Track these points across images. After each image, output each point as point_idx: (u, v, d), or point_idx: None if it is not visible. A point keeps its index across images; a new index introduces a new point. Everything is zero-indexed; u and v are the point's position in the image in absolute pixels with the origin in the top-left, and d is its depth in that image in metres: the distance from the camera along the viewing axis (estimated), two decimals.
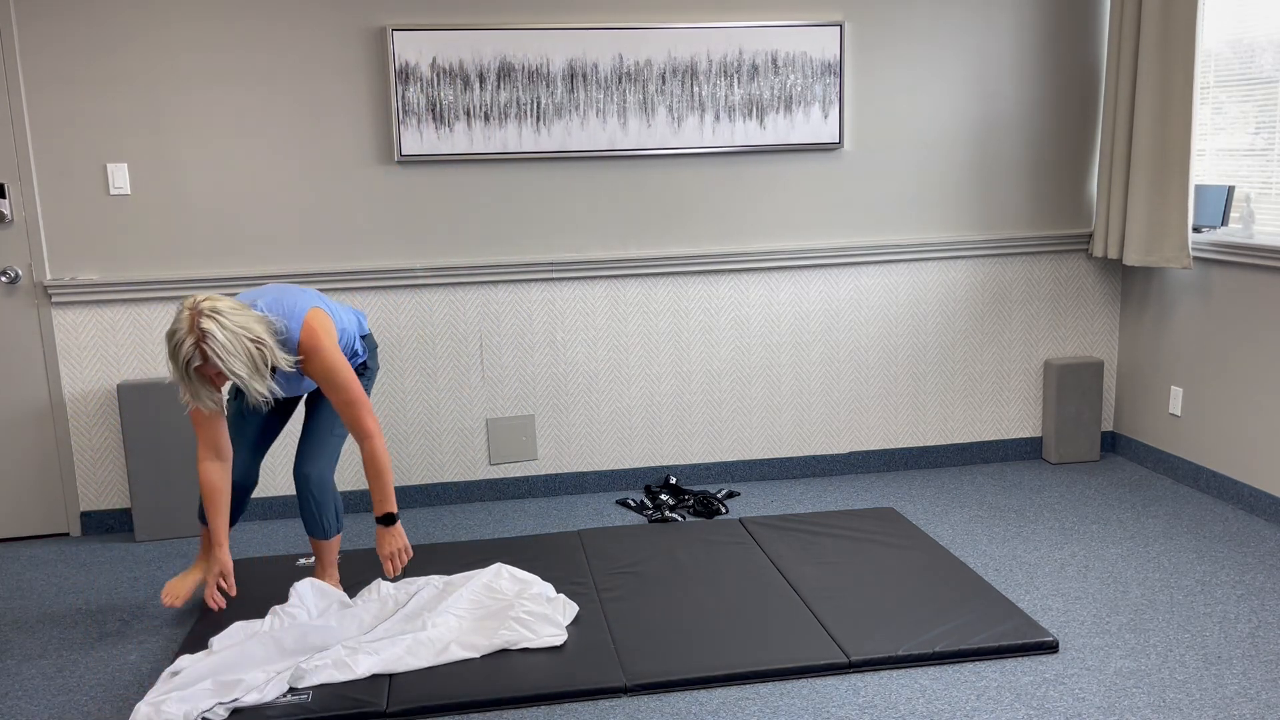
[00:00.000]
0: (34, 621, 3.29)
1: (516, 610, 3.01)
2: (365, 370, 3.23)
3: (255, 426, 3.18)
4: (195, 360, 2.69)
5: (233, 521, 3.22)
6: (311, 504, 3.10)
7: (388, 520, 3.02)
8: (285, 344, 2.88)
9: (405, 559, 3.05)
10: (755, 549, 3.59)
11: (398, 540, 3.03)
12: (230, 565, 3.02)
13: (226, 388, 2.80)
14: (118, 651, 3.07)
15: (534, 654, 2.91)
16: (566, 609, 3.10)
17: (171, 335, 2.71)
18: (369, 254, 4.02)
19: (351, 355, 3.15)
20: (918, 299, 4.40)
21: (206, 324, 2.66)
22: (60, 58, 3.75)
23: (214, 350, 2.66)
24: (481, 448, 4.22)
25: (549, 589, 3.18)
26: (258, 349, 2.73)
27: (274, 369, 2.89)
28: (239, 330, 2.70)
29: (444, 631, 2.93)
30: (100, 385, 3.95)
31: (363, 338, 3.22)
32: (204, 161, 3.88)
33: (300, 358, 2.88)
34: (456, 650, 2.88)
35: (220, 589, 3.03)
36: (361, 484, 4.18)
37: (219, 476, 2.96)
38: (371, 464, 2.96)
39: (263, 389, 2.75)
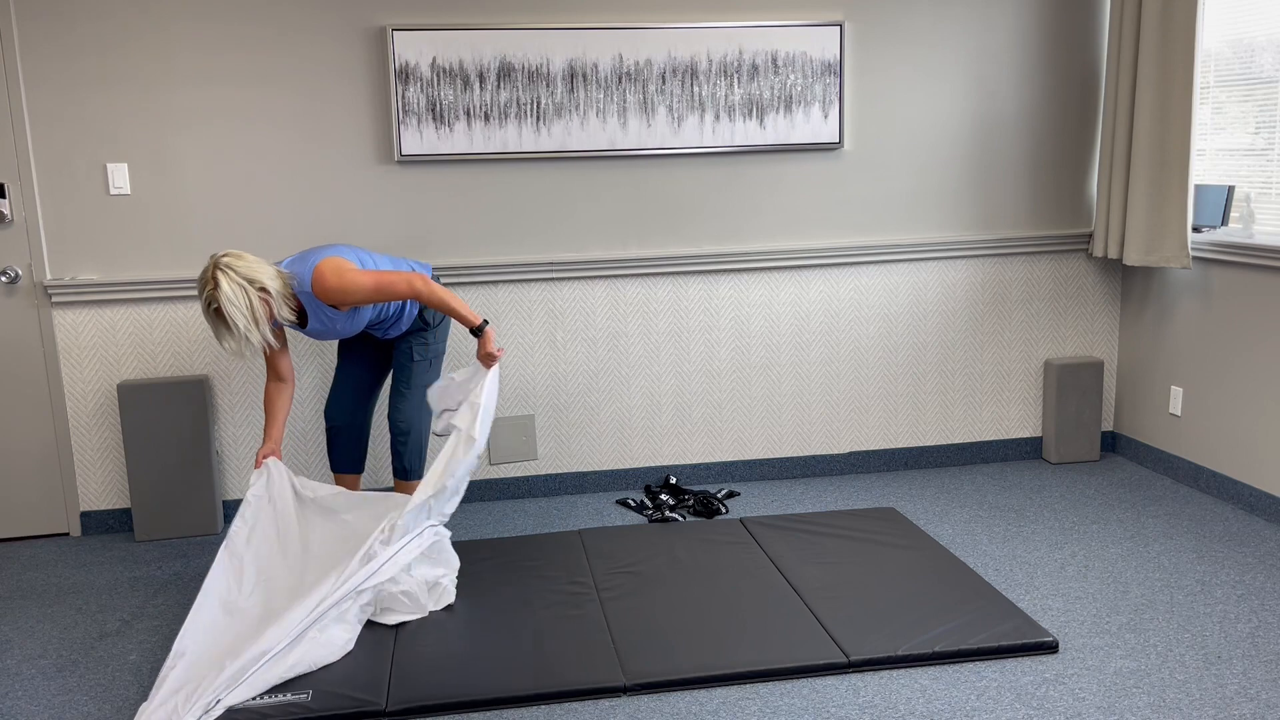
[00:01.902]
0: (34, 621, 3.29)
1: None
2: (427, 323, 3.49)
3: (354, 375, 3.58)
4: (214, 302, 3.04)
5: (354, 467, 3.62)
6: (396, 448, 3.53)
7: (476, 332, 3.30)
8: (302, 293, 3.19)
9: (499, 355, 3.32)
10: (755, 549, 3.59)
11: (487, 345, 3.29)
12: (278, 450, 3.33)
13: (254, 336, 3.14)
14: (118, 651, 3.07)
15: (535, 653, 2.91)
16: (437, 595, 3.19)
17: (199, 284, 3.08)
18: None
19: (404, 307, 3.43)
20: (918, 299, 4.40)
21: (218, 274, 3.03)
22: (60, 57, 3.75)
23: (219, 298, 3.01)
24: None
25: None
26: (262, 300, 3.07)
27: (304, 319, 3.27)
28: (244, 282, 3.04)
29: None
30: (100, 385, 3.95)
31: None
32: (204, 161, 3.88)
33: (329, 301, 3.19)
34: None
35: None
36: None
37: (275, 392, 3.36)
38: (433, 303, 3.24)
39: (257, 338, 3.06)
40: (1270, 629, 2.99)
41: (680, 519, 3.97)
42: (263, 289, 3.07)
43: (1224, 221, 3.95)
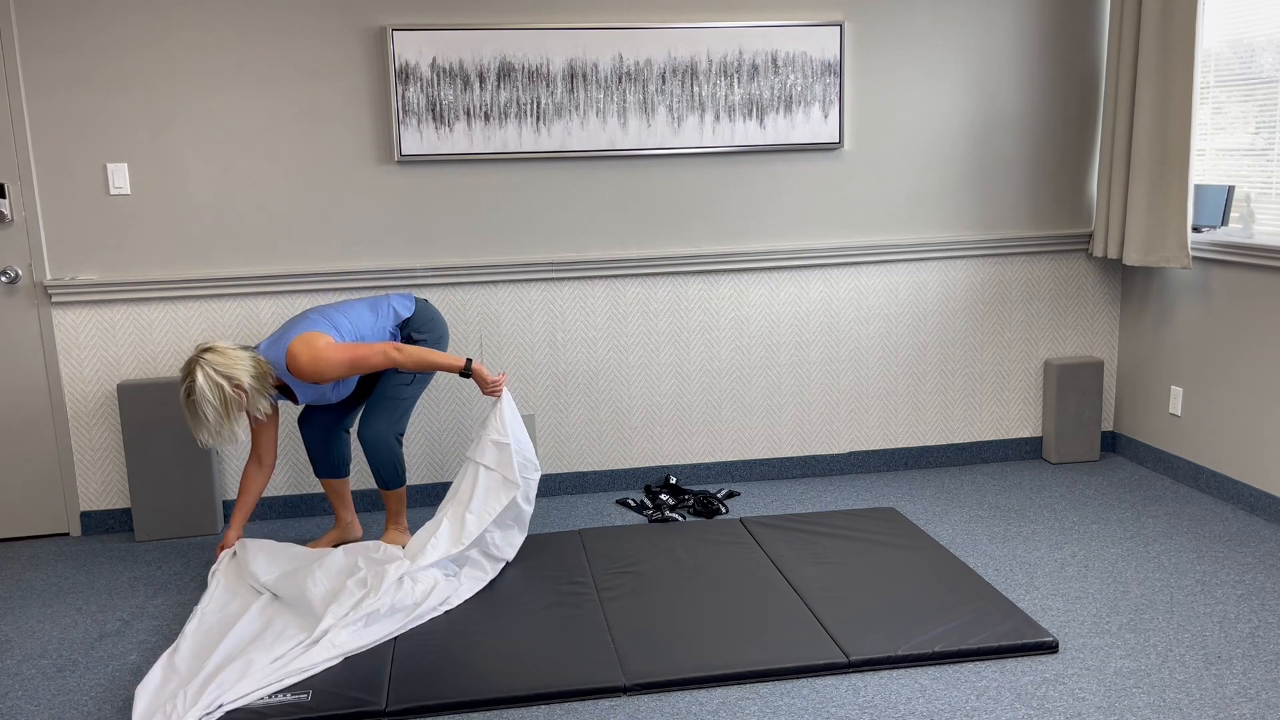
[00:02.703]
0: (34, 621, 3.29)
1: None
2: (412, 341, 3.57)
3: (321, 416, 3.64)
4: (191, 394, 3.16)
5: (336, 473, 3.69)
6: (372, 460, 3.54)
7: (465, 374, 3.37)
8: (283, 374, 3.30)
9: (502, 381, 3.42)
10: (755, 549, 3.59)
11: (483, 381, 3.40)
12: (232, 541, 3.46)
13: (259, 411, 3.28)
14: (118, 651, 3.07)
15: (535, 653, 2.91)
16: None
17: (181, 373, 3.21)
18: (369, 254, 4.02)
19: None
20: (918, 299, 4.40)
21: (195, 369, 3.16)
22: (60, 58, 3.75)
23: (194, 390, 3.14)
24: None
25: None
26: (236, 393, 3.19)
27: (282, 392, 3.39)
28: (220, 379, 3.17)
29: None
30: (100, 385, 3.95)
31: (401, 325, 3.57)
32: (204, 161, 3.88)
33: (296, 376, 3.29)
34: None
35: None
36: (363, 484, 4.19)
37: (252, 475, 3.49)
38: (411, 364, 3.33)
39: (228, 433, 3.20)
40: (1270, 629, 2.99)
41: (680, 519, 3.96)
42: (238, 385, 3.18)
43: (1224, 221, 3.95)
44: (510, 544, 3.42)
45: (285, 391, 3.40)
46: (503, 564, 3.39)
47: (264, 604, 3.13)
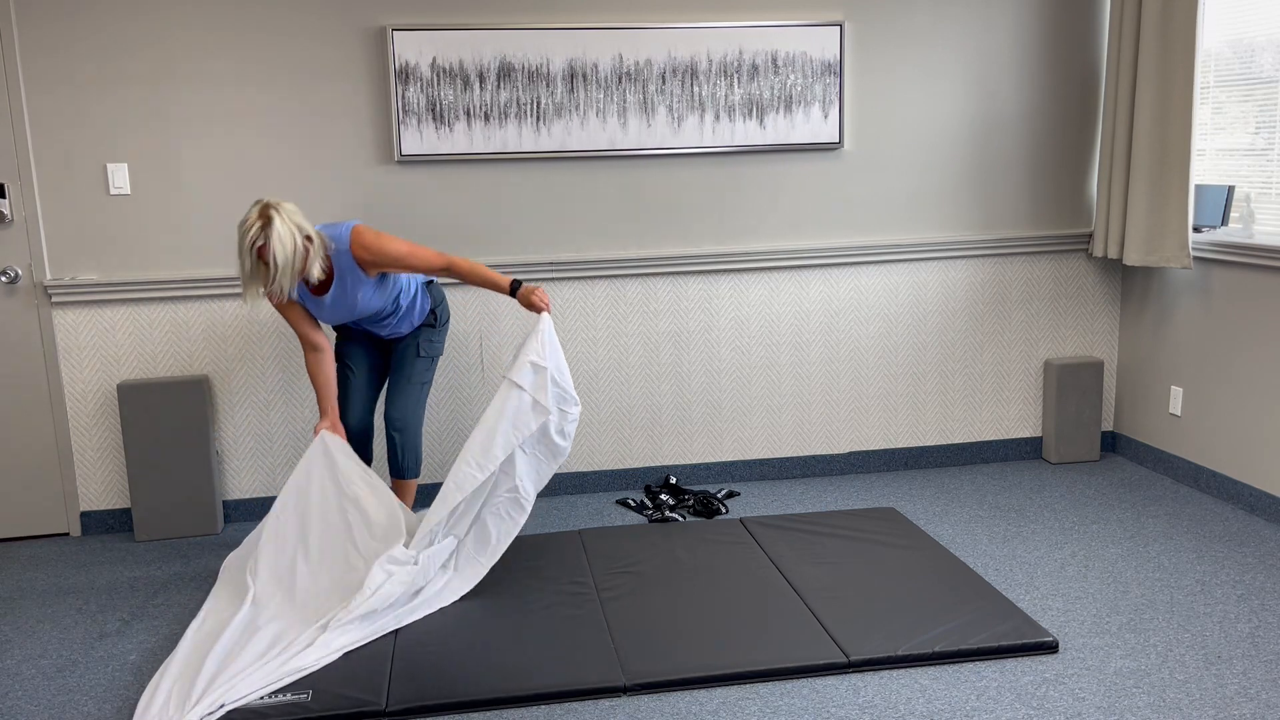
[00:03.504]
0: (34, 621, 3.29)
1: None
2: (436, 320, 3.56)
3: (362, 378, 3.58)
4: (259, 241, 3.06)
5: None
6: (393, 446, 3.55)
7: (514, 289, 3.34)
8: (337, 254, 3.25)
9: (546, 298, 3.35)
10: (755, 549, 3.59)
11: (530, 296, 3.33)
12: (338, 425, 3.42)
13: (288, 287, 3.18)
14: (118, 651, 3.07)
15: (535, 653, 2.91)
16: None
17: (242, 222, 3.08)
18: None
19: (415, 303, 3.50)
20: (918, 299, 4.40)
21: (271, 214, 3.07)
22: (60, 58, 3.75)
23: (269, 235, 3.05)
24: None
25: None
26: (305, 244, 3.13)
27: (330, 282, 3.30)
28: (294, 227, 3.10)
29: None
30: (100, 385, 3.95)
31: (426, 284, 3.57)
32: (204, 161, 3.88)
33: (363, 262, 3.26)
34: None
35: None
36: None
37: (316, 362, 3.41)
38: (466, 276, 3.34)
39: (287, 283, 3.10)
40: (1270, 629, 2.99)
41: (680, 519, 3.96)
42: (308, 238, 3.14)
43: (1224, 221, 3.95)
44: (537, 480, 3.29)
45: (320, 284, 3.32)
46: (495, 557, 3.32)
47: (253, 605, 3.12)
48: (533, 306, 3.31)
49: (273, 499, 4.12)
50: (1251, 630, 2.99)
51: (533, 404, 3.19)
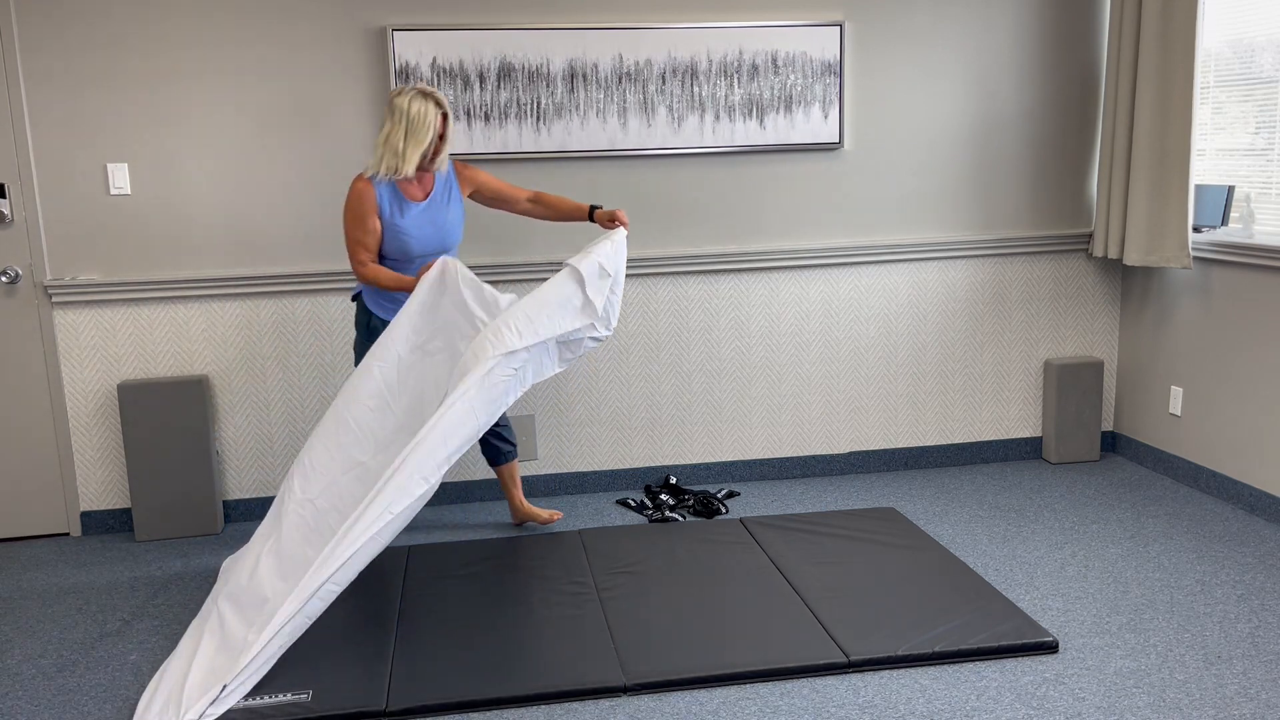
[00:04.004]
0: (34, 621, 3.29)
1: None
2: None
3: None
4: (441, 111, 3.29)
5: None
6: (494, 435, 3.70)
7: (592, 212, 3.51)
8: (439, 172, 3.46)
9: (625, 218, 3.42)
10: (755, 549, 3.59)
11: (612, 214, 3.43)
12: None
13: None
14: (118, 651, 3.07)
15: (535, 653, 2.91)
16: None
17: (409, 99, 3.25)
18: None
19: None
20: (918, 299, 4.40)
21: (438, 95, 3.30)
22: (61, 57, 3.75)
23: (446, 105, 3.32)
24: None
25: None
26: (442, 126, 3.34)
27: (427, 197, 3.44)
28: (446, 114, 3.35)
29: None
30: (100, 385, 3.95)
31: None
32: (204, 161, 3.88)
33: (461, 175, 3.53)
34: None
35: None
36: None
37: (377, 266, 3.37)
38: (553, 205, 3.57)
39: (447, 154, 3.40)
40: (1270, 629, 2.99)
41: (680, 519, 3.97)
42: (445, 114, 3.33)
43: (1224, 221, 3.95)
44: (534, 377, 3.14)
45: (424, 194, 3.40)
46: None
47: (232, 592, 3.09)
48: (614, 221, 3.39)
49: (272, 499, 4.11)
50: (1251, 630, 2.99)
51: (583, 303, 3.11)
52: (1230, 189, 3.93)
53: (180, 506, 3.95)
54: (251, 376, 4.03)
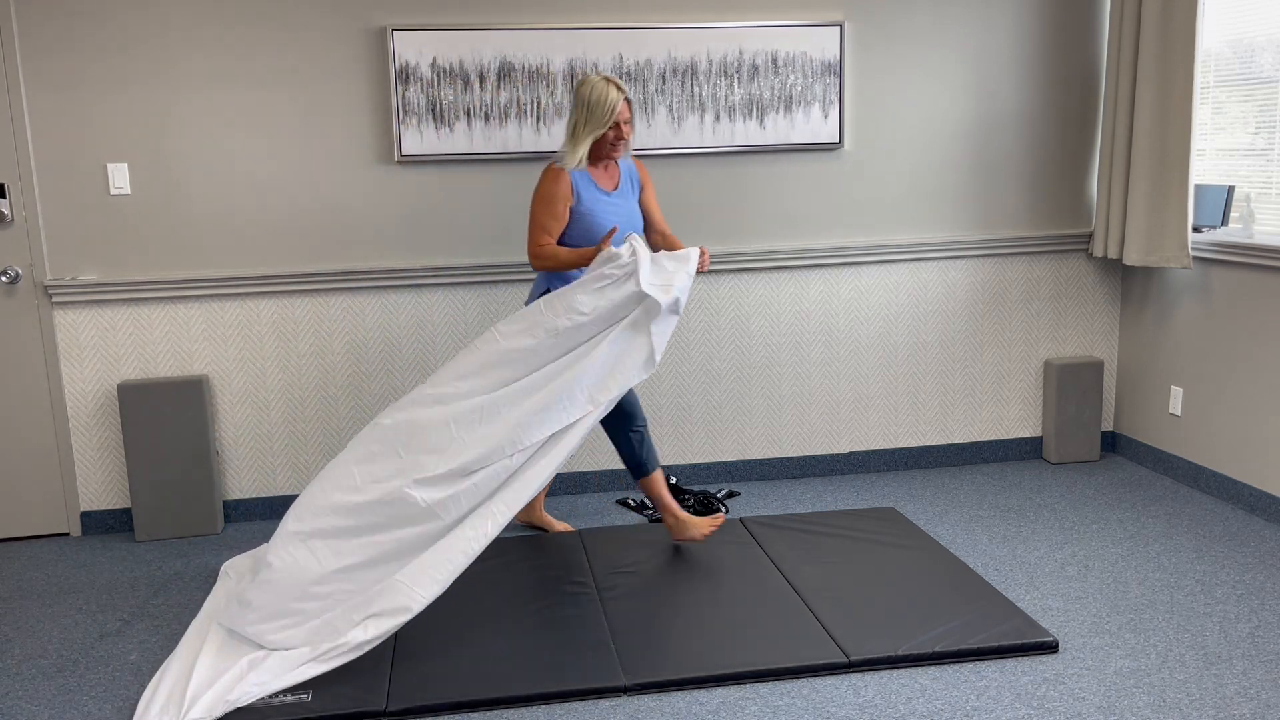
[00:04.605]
0: (34, 621, 3.29)
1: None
2: None
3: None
4: (622, 97, 3.27)
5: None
6: (640, 442, 3.51)
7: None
8: (624, 162, 3.49)
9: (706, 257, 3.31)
10: (755, 549, 3.59)
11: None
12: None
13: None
14: (118, 651, 3.07)
15: (535, 653, 2.91)
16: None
17: (595, 86, 3.26)
18: (369, 254, 4.02)
19: None
20: (918, 299, 4.40)
21: (620, 83, 3.29)
22: (61, 58, 3.75)
23: (626, 93, 3.29)
24: None
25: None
26: (627, 108, 3.33)
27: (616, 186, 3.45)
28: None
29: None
30: (100, 385, 3.95)
31: None
32: (204, 161, 3.88)
33: (639, 168, 3.53)
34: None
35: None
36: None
37: (553, 244, 3.36)
38: (666, 243, 3.51)
39: (631, 141, 3.43)
40: (1270, 629, 2.99)
41: None
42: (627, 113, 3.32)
43: (1224, 221, 3.95)
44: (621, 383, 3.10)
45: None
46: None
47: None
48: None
49: (273, 499, 4.12)
50: (1251, 630, 2.99)
51: (647, 357, 3.10)
52: (1230, 189, 3.93)
53: (180, 506, 3.95)
54: (251, 376, 4.03)
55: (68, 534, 4.04)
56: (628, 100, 3.30)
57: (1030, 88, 4.33)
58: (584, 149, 3.29)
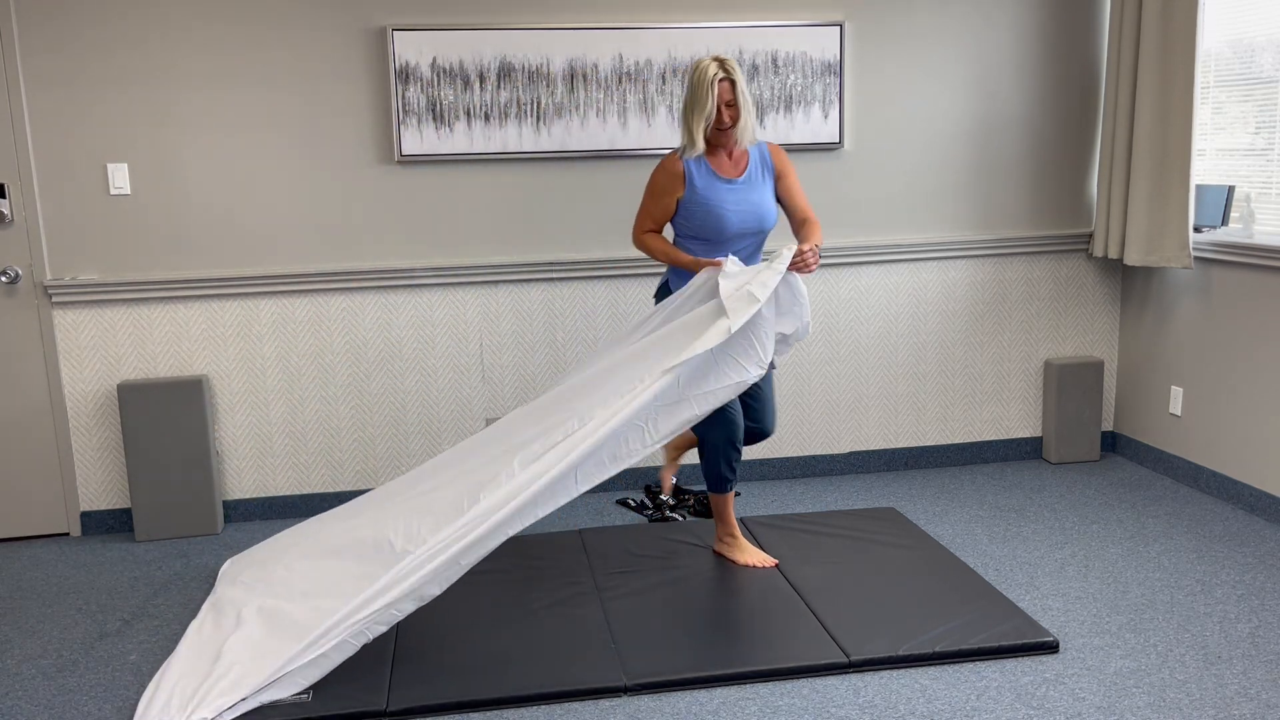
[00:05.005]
0: (34, 621, 3.29)
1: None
2: None
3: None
4: (720, 75, 3.10)
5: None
6: (734, 463, 3.39)
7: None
8: (753, 146, 3.29)
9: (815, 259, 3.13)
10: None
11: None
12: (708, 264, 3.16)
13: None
14: (118, 651, 3.07)
15: (535, 653, 2.91)
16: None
17: (699, 67, 3.13)
18: (369, 254, 4.02)
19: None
20: (918, 299, 4.39)
21: (728, 60, 3.12)
22: (61, 57, 3.75)
23: (735, 72, 3.10)
24: None
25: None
26: (750, 101, 3.18)
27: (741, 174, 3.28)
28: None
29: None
30: (100, 385, 3.95)
31: None
32: (204, 161, 3.88)
33: (774, 155, 3.31)
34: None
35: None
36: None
37: (657, 236, 3.34)
38: (803, 232, 3.27)
39: (752, 126, 3.18)
40: (1270, 629, 2.99)
41: (680, 519, 3.96)
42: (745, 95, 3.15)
43: (1224, 221, 3.95)
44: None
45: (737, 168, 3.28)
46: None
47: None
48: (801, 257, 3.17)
49: (272, 499, 4.12)
50: (1251, 630, 2.99)
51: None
52: (1230, 189, 3.93)
53: (180, 506, 3.95)
54: (251, 376, 4.03)
55: (68, 534, 4.04)
56: (728, 80, 3.11)
57: (1030, 88, 4.33)
58: (697, 134, 3.14)
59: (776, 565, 3.43)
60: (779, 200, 3.33)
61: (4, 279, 3.83)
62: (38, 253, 3.83)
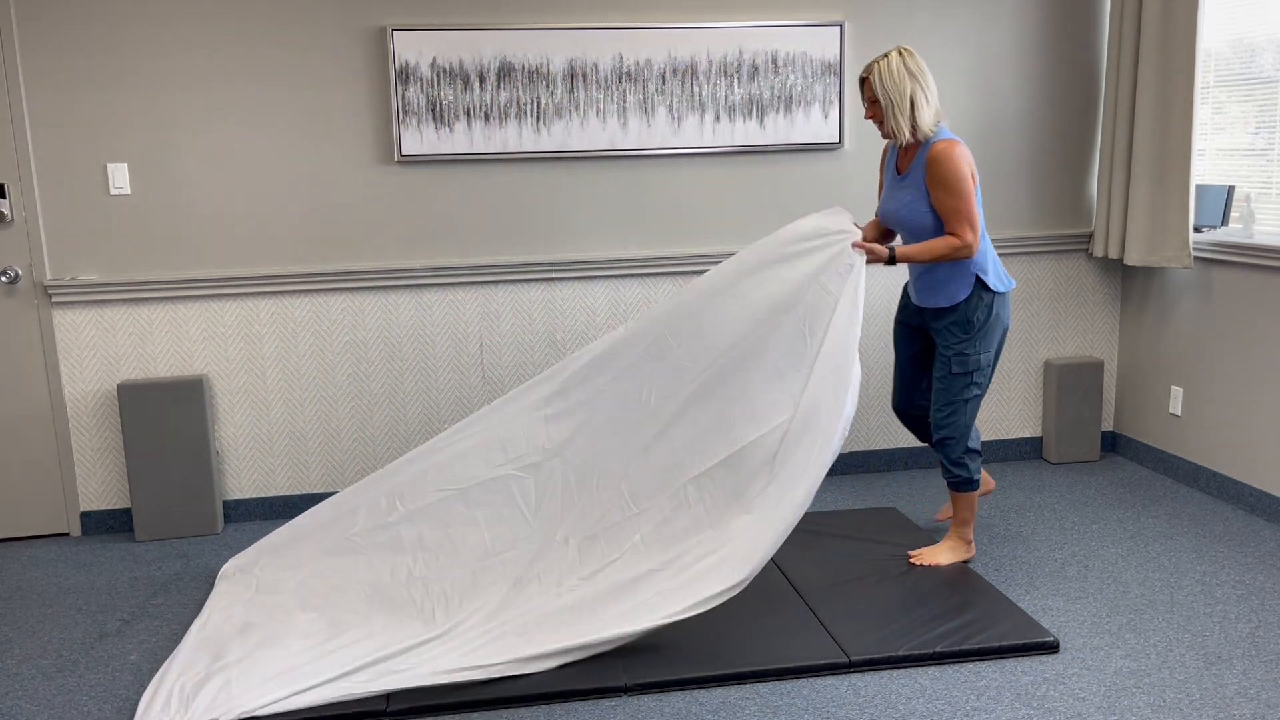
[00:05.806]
0: (34, 621, 3.29)
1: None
2: (972, 322, 3.26)
3: (902, 364, 3.54)
4: (861, 75, 3.19)
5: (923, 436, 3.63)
6: (943, 461, 3.38)
7: (891, 258, 3.16)
8: (925, 144, 3.18)
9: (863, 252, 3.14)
10: None
11: (869, 251, 3.15)
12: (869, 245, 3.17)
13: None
14: (118, 651, 3.07)
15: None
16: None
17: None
18: (369, 254, 4.02)
19: (953, 273, 3.26)
20: None
21: (894, 51, 3.14)
22: (60, 57, 3.75)
23: (874, 71, 3.14)
24: None
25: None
26: (900, 97, 3.11)
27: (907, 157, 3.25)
28: (906, 71, 3.12)
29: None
30: (100, 385, 3.95)
31: (979, 274, 3.26)
32: (204, 161, 3.88)
33: (931, 160, 3.15)
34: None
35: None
36: None
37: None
38: (940, 246, 3.14)
39: (902, 125, 3.13)
40: (1270, 629, 2.99)
41: None
42: (908, 94, 3.10)
43: (1224, 221, 3.95)
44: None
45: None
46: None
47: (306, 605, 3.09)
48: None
49: (272, 499, 4.12)
50: (1251, 630, 2.99)
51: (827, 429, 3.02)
52: (1230, 189, 3.93)
53: (180, 506, 3.95)
54: (251, 376, 4.03)
55: (68, 534, 4.04)
56: (864, 80, 3.16)
57: (1030, 88, 4.33)
58: (888, 124, 3.17)
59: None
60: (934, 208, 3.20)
61: (4, 279, 3.83)
62: (38, 253, 3.83)
